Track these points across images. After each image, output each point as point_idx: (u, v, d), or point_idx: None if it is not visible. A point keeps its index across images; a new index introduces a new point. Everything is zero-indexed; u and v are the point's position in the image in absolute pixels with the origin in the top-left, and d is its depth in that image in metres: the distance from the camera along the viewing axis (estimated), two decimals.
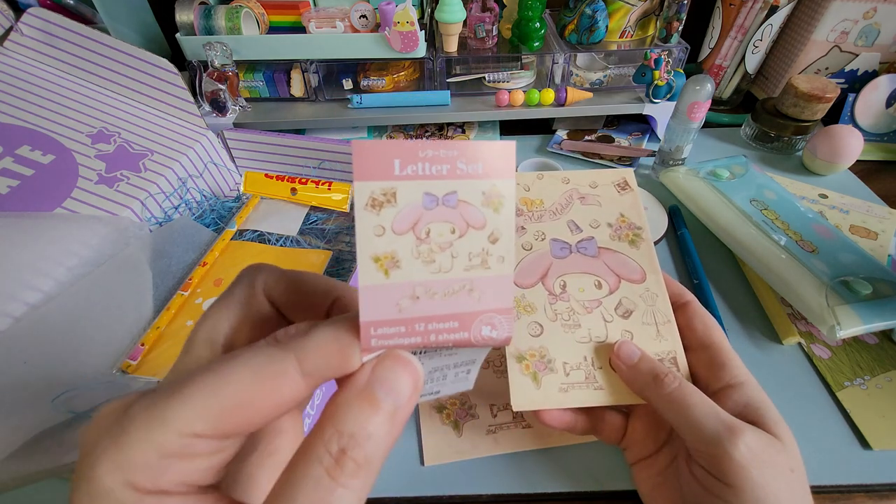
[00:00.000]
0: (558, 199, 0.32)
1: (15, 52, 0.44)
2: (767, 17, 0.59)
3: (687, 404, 0.24)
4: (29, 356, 0.30)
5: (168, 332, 0.35)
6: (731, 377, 0.25)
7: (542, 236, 0.30)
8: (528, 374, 0.26)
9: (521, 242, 0.30)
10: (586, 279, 0.29)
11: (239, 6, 0.53)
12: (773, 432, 0.23)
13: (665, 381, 0.25)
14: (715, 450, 0.22)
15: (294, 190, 0.48)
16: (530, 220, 0.31)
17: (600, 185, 0.33)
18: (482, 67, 0.61)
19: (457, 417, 0.33)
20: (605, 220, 0.31)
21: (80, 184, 0.40)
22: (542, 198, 0.32)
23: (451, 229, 0.14)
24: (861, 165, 0.56)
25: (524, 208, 0.31)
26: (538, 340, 0.27)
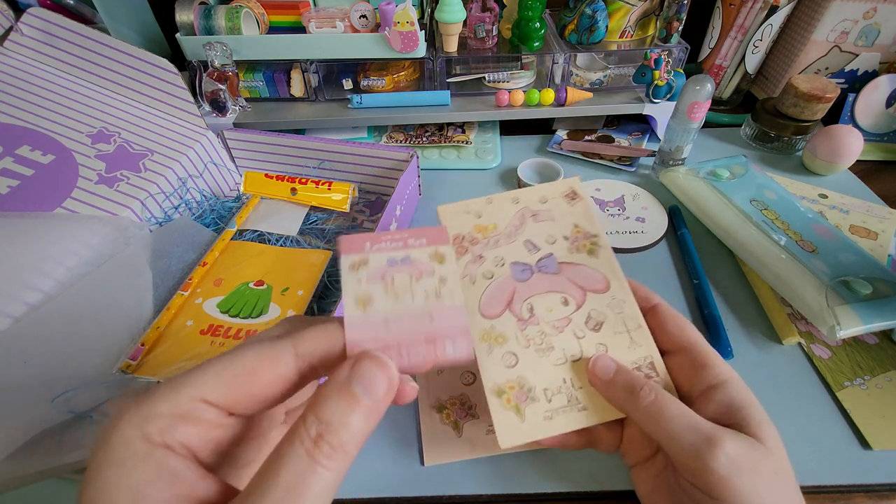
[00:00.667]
0: (511, 221, 0.31)
1: (15, 52, 0.44)
2: (767, 17, 0.59)
3: (664, 417, 0.23)
4: (29, 356, 0.30)
5: (168, 332, 0.35)
6: (712, 378, 0.24)
7: (502, 262, 0.30)
8: (510, 407, 0.26)
9: (482, 271, 0.29)
10: (552, 298, 0.29)
11: (239, 6, 0.53)
12: (755, 434, 0.22)
13: (641, 395, 0.24)
14: (695, 463, 0.21)
15: (294, 190, 0.48)
16: (487, 246, 0.30)
17: (550, 200, 0.32)
18: (482, 67, 0.61)
19: (457, 417, 0.33)
20: (560, 233, 0.31)
21: (80, 184, 0.40)
22: (495, 222, 0.31)
23: (409, 277, 0.20)
24: (861, 165, 0.56)
25: (479, 236, 0.30)
26: (515, 371, 0.26)
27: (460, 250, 0.30)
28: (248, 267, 0.41)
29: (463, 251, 0.30)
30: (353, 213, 0.49)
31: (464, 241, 0.30)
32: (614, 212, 0.50)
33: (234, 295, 0.38)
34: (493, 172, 0.57)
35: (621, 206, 0.51)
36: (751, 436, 0.22)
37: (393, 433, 0.33)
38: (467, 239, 0.30)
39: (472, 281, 0.29)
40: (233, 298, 0.38)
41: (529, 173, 0.56)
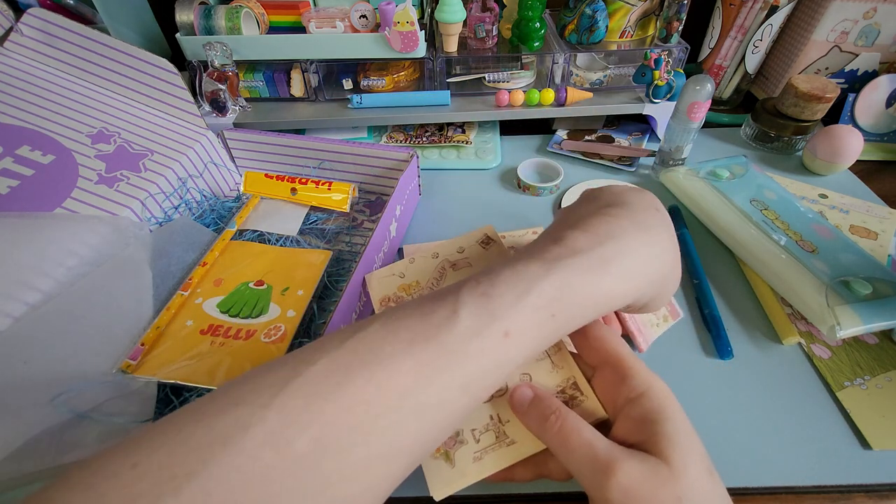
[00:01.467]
0: (432, 275, 0.32)
1: (15, 52, 0.44)
2: (767, 17, 0.59)
3: (567, 445, 0.22)
4: (29, 356, 0.30)
5: (168, 332, 0.35)
6: (630, 389, 0.23)
7: None
8: (439, 456, 0.25)
9: None
10: None
11: (239, 6, 0.53)
12: (662, 453, 0.20)
13: (548, 423, 0.23)
14: (596, 492, 0.21)
15: (294, 190, 0.48)
16: None
17: (466, 248, 0.33)
18: (482, 67, 0.61)
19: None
20: None
21: (80, 184, 0.40)
22: (418, 279, 0.32)
23: None
24: (861, 165, 0.56)
25: (403, 294, 0.32)
26: None
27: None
28: (248, 267, 0.41)
29: None
30: (353, 213, 0.49)
31: (390, 302, 0.32)
32: None
33: (234, 295, 0.38)
34: (493, 172, 0.57)
35: None
36: (657, 455, 0.21)
37: None
38: (393, 299, 0.31)
39: None
40: (233, 298, 0.38)
41: (529, 173, 0.56)
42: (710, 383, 0.36)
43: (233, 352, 0.34)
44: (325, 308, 0.40)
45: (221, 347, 0.35)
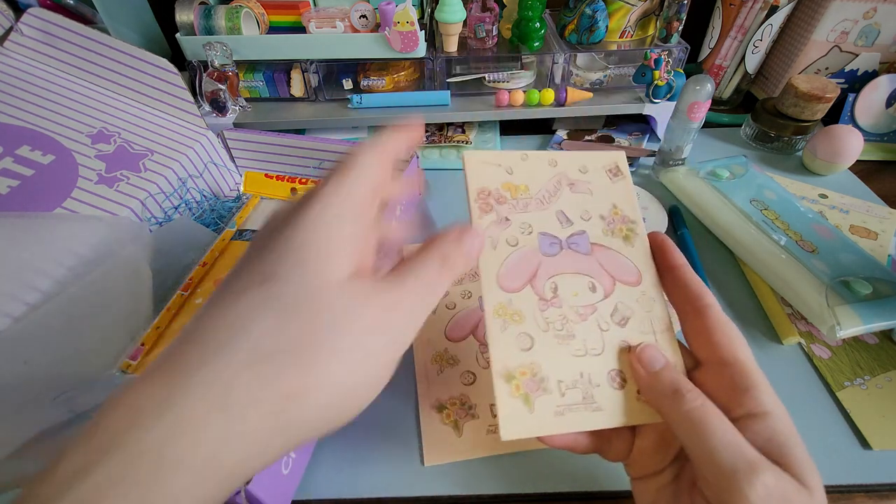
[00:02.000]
0: (545, 186, 0.27)
1: (15, 52, 0.44)
2: (767, 17, 0.59)
3: (707, 428, 0.21)
4: (29, 356, 0.30)
5: (168, 332, 0.35)
6: (755, 405, 0.22)
7: (530, 229, 0.26)
8: (518, 396, 0.23)
9: (506, 237, 0.26)
10: (580, 281, 0.26)
11: (239, 6, 0.53)
12: (798, 477, 0.20)
13: (686, 398, 0.22)
14: (728, 484, 0.20)
15: (294, 190, 0.48)
16: (515, 209, 0.27)
17: (591, 171, 0.28)
18: (482, 67, 0.61)
19: (456, 417, 0.33)
20: (597, 211, 0.27)
21: (80, 184, 0.40)
22: (527, 183, 0.27)
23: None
24: (861, 165, 0.56)
25: (507, 195, 0.27)
26: (529, 355, 0.24)
27: (484, 207, 0.26)
28: None
29: (487, 209, 0.26)
30: None
31: (489, 198, 0.26)
32: None
33: None
34: None
35: None
36: (793, 476, 0.20)
37: (394, 433, 0.33)
38: (493, 196, 0.26)
39: (494, 245, 0.25)
40: None
41: None
42: None
43: None
44: None
45: None
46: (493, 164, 0.27)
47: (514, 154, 0.28)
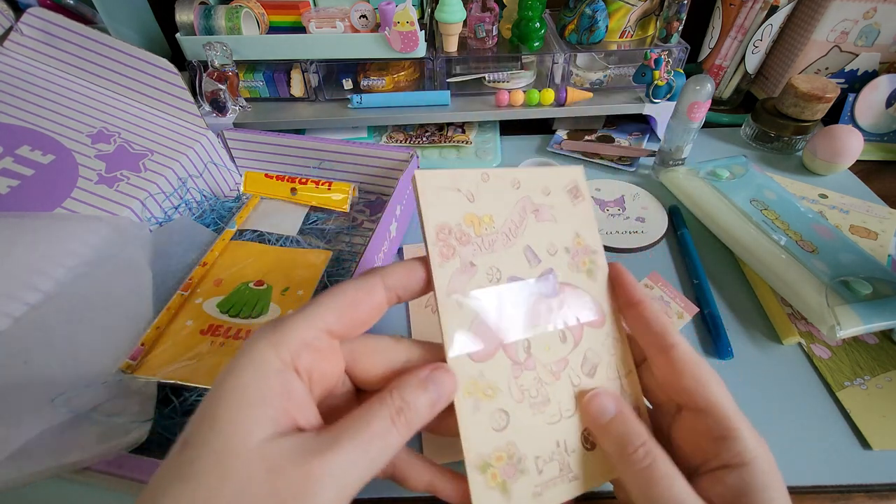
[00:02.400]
0: (511, 215, 0.23)
1: (15, 52, 0.44)
2: (767, 17, 0.59)
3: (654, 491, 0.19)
4: (29, 356, 0.30)
5: (168, 332, 0.35)
6: (731, 455, 0.19)
7: (498, 275, 0.22)
8: (494, 486, 0.20)
9: (471, 289, 0.21)
10: (550, 332, 0.22)
11: (239, 6, 0.53)
12: None
13: (633, 458, 0.20)
14: None
15: (294, 190, 0.48)
16: (480, 250, 0.22)
17: (553, 192, 0.24)
18: (482, 67, 0.61)
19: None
20: (561, 242, 0.24)
21: (80, 184, 0.40)
22: (492, 212, 0.22)
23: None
24: (861, 165, 0.56)
25: (471, 231, 0.22)
26: (504, 435, 0.20)
27: (445, 251, 0.21)
28: (248, 267, 0.41)
29: (449, 253, 0.21)
30: (353, 213, 0.49)
31: (450, 237, 0.21)
32: (614, 212, 0.50)
33: (234, 295, 0.38)
34: None
35: (621, 206, 0.51)
36: None
37: None
38: (455, 234, 0.21)
39: (459, 304, 0.21)
40: (233, 298, 0.38)
41: None
42: None
43: (233, 352, 0.34)
44: None
45: (221, 347, 0.35)
46: (452, 189, 0.22)
47: (473, 174, 0.22)
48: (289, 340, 0.18)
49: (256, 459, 0.16)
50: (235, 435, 0.16)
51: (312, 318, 0.18)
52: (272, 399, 0.17)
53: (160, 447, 0.31)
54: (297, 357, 0.18)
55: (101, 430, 0.28)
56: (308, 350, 0.18)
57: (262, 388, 0.17)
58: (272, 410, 0.17)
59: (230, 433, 0.16)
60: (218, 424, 0.16)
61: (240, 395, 0.17)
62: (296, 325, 0.18)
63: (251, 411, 0.16)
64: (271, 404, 0.17)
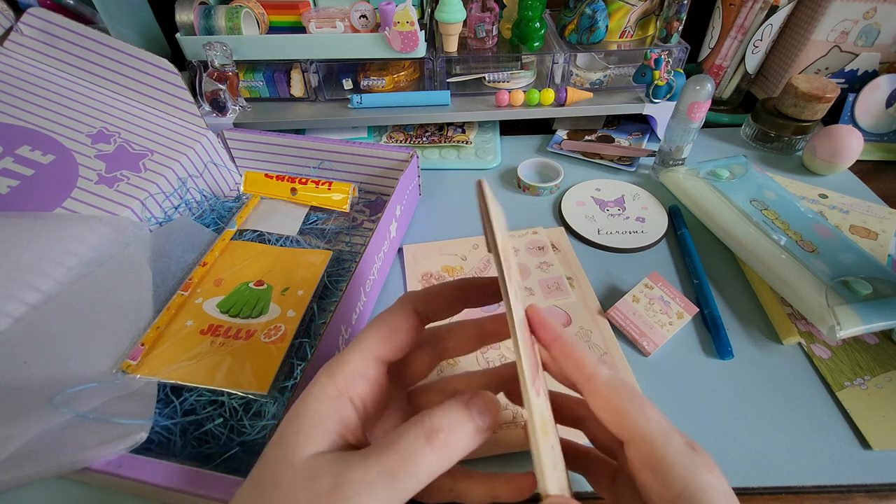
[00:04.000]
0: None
1: (15, 52, 0.44)
2: (767, 17, 0.59)
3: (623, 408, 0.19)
4: (29, 356, 0.30)
5: (168, 332, 0.35)
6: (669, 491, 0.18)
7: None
8: None
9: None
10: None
11: (239, 6, 0.53)
12: None
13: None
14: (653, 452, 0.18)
15: (294, 190, 0.48)
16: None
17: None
18: (482, 67, 0.61)
19: None
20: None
21: (80, 184, 0.40)
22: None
23: None
24: (861, 165, 0.56)
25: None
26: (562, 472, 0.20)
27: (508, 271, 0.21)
28: (248, 267, 0.41)
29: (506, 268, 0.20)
30: (352, 213, 0.49)
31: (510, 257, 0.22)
32: (614, 212, 0.50)
33: (234, 295, 0.38)
34: (493, 172, 0.57)
35: (621, 206, 0.51)
36: None
37: None
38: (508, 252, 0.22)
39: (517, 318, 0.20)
40: (233, 298, 0.38)
41: (529, 173, 0.56)
42: (711, 383, 0.36)
43: (233, 352, 0.34)
44: (325, 308, 0.40)
45: (221, 347, 0.35)
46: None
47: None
48: (343, 371, 0.20)
49: (303, 469, 0.18)
50: (291, 450, 0.19)
51: (361, 349, 0.21)
52: (325, 421, 0.19)
53: (160, 447, 0.31)
54: (351, 385, 0.20)
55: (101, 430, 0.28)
56: (360, 378, 0.21)
57: (318, 413, 0.20)
58: (324, 431, 0.19)
59: (287, 449, 0.19)
60: (281, 442, 0.19)
61: (300, 418, 0.19)
62: (348, 358, 0.21)
63: (306, 431, 0.19)
64: (324, 425, 0.19)
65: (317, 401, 0.20)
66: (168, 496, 0.27)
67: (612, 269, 0.45)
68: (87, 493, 0.31)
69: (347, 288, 0.33)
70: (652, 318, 0.39)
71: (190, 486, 0.25)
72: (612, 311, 0.40)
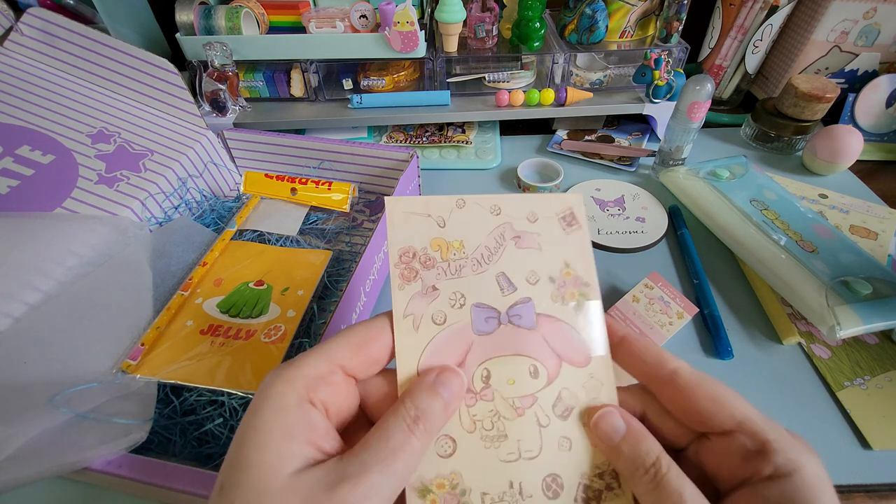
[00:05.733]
0: (485, 241, 0.22)
1: (15, 52, 0.44)
2: (767, 17, 0.59)
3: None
4: (29, 356, 0.30)
5: (168, 332, 0.35)
6: (771, 467, 0.17)
7: (462, 300, 0.21)
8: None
9: (432, 312, 0.21)
10: (519, 364, 0.21)
11: (239, 6, 0.53)
12: None
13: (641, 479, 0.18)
14: None
15: (294, 190, 0.48)
16: (444, 274, 0.21)
17: (541, 218, 0.23)
18: (482, 67, 0.61)
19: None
20: (545, 272, 0.22)
21: (80, 184, 0.40)
22: (463, 238, 0.22)
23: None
24: (861, 165, 0.56)
25: (437, 255, 0.22)
26: (448, 463, 0.20)
27: (407, 274, 0.21)
28: (248, 267, 0.41)
29: (411, 276, 0.21)
30: (353, 213, 0.49)
31: (414, 260, 0.21)
32: (614, 212, 0.50)
33: (234, 295, 0.38)
34: (493, 172, 0.57)
35: (621, 206, 0.51)
36: None
37: None
38: (419, 257, 0.21)
39: (415, 325, 0.21)
40: (233, 298, 0.38)
41: (529, 173, 0.56)
42: None
43: (233, 352, 0.34)
44: (325, 308, 0.40)
45: (221, 347, 0.35)
46: (422, 214, 0.22)
47: (447, 200, 0.22)
48: (303, 375, 0.18)
49: (290, 493, 0.16)
50: (266, 473, 0.16)
51: (326, 353, 0.19)
52: (295, 432, 0.17)
53: (160, 447, 0.31)
54: (313, 390, 0.18)
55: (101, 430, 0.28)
56: (323, 384, 0.19)
57: (283, 423, 0.17)
58: (297, 443, 0.17)
59: (261, 472, 0.16)
60: (248, 465, 0.16)
61: (265, 433, 0.17)
62: (309, 361, 0.19)
63: (277, 446, 0.17)
64: (295, 437, 0.17)
65: (279, 411, 0.17)
66: (168, 496, 0.27)
67: (612, 269, 0.45)
68: (87, 493, 0.31)
69: (347, 288, 0.33)
70: (652, 319, 0.39)
71: (190, 486, 0.25)
72: (612, 312, 0.40)
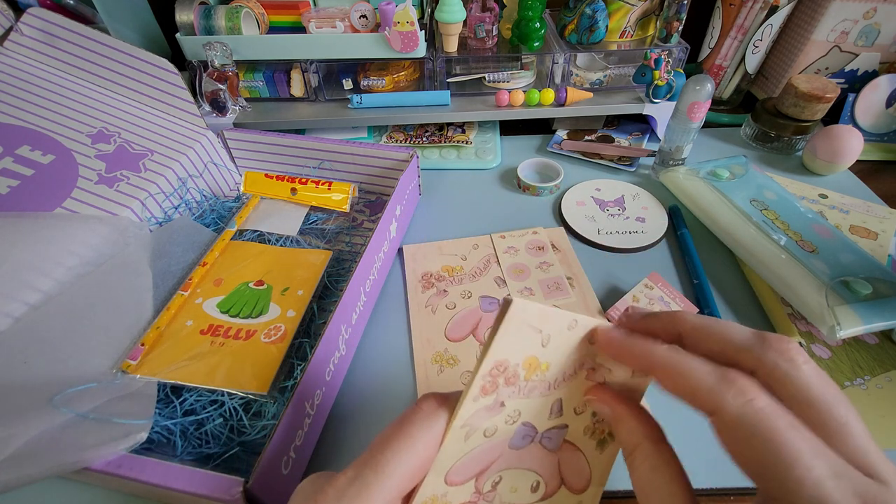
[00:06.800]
0: (566, 368, 0.21)
1: (15, 52, 0.44)
2: (767, 17, 0.59)
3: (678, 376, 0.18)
4: (29, 356, 0.30)
5: (168, 332, 0.35)
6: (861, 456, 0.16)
7: (516, 418, 0.21)
8: None
9: (486, 427, 0.20)
10: (527, 478, 0.22)
11: (239, 6, 0.53)
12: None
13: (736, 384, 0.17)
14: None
15: (294, 190, 0.48)
16: (518, 393, 0.21)
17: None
18: (482, 67, 0.61)
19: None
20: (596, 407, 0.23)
21: (80, 184, 0.40)
22: (551, 361, 0.21)
23: None
24: (861, 165, 0.56)
25: (522, 374, 0.20)
26: None
27: (488, 387, 0.20)
28: (248, 267, 0.41)
29: (491, 389, 0.20)
30: (352, 213, 0.49)
31: (501, 376, 0.20)
32: (614, 212, 0.50)
33: (234, 295, 0.38)
34: (493, 172, 0.57)
35: (621, 206, 0.51)
36: None
37: None
38: (508, 374, 0.20)
39: (467, 436, 0.20)
40: (233, 298, 0.38)
41: (529, 173, 0.56)
42: None
43: (233, 352, 0.34)
44: (325, 308, 0.40)
45: (221, 347, 0.35)
46: (535, 328, 0.20)
47: (564, 319, 0.20)
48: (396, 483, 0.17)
49: None
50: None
51: (386, 487, 0.17)
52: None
53: (160, 447, 0.31)
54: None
55: (101, 431, 0.28)
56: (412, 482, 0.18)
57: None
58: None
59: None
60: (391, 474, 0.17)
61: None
62: (371, 498, 0.17)
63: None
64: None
65: None
66: (168, 496, 0.27)
67: (612, 269, 0.45)
68: (87, 493, 0.31)
69: (347, 288, 0.33)
70: None
71: (190, 486, 0.25)
72: (612, 312, 0.40)
